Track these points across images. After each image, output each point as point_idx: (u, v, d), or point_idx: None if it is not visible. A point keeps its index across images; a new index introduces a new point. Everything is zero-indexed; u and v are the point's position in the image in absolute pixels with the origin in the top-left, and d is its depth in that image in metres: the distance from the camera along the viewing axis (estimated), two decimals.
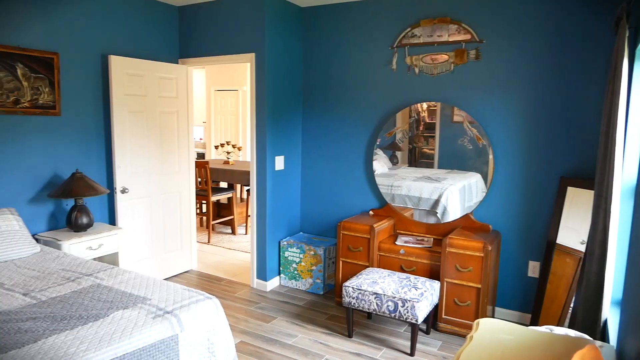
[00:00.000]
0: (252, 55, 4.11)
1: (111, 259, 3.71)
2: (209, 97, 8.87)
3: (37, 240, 3.46)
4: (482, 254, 3.27)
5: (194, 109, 4.71)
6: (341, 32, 4.26)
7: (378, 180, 4.16)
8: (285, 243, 4.37)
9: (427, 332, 3.48)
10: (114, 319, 2.10)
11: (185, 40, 4.57)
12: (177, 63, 4.60)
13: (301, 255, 4.27)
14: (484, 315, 3.34)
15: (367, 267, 3.81)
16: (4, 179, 3.37)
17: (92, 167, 3.94)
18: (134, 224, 4.14)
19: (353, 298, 3.30)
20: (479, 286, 3.31)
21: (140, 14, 4.21)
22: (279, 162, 4.33)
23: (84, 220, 3.53)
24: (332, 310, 3.90)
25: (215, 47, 4.37)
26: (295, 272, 4.34)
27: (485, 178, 3.71)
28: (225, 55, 4.32)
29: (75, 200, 3.55)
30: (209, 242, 5.84)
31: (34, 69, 3.46)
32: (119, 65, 3.91)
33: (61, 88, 3.65)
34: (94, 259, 3.43)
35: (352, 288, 3.31)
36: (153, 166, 4.28)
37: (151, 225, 4.32)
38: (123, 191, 4.01)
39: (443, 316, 3.47)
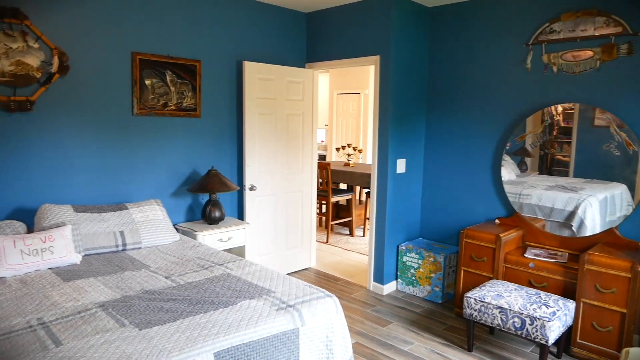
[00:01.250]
0: (377, 58, 4.12)
1: (238, 251, 3.96)
2: (332, 100, 9.09)
3: (176, 229, 3.82)
4: (629, 275, 2.90)
5: (318, 111, 4.85)
6: (470, 30, 4.08)
7: (505, 187, 3.90)
8: (403, 248, 4.30)
9: (557, 356, 3.17)
10: (241, 307, 2.24)
11: (312, 45, 4.74)
12: (304, 67, 4.78)
13: (420, 261, 4.17)
14: (630, 345, 2.95)
15: (491, 278, 3.59)
16: (153, 174, 3.79)
17: (225, 165, 4.25)
18: (259, 220, 4.39)
19: (475, 310, 3.13)
20: (624, 311, 2.93)
21: (272, 22, 4.45)
22: (401, 165, 4.27)
23: (217, 214, 3.82)
24: (450, 320, 3.74)
25: (340, 51, 4.46)
26: (413, 278, 4.25)
27: (633, 189, 3.28)
28: (349, 58, 4.39)
29: (210, 195, 3.86)
30: (327, 241, 5.97)
31: (180, 75, 3.83)
32: (251, 70, 4.17)
33: (201, 92, 4.00)
34: (224, 250, 3.69)
35: (475, 300, 3.14)
36: (279, 166, 4.50)
37: (275, 222, 4.53)
38: (251, 189, 4.27)
39: (578, 340, 3.14)
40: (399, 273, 4.37)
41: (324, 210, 6.98)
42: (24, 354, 1.78)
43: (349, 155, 6.92)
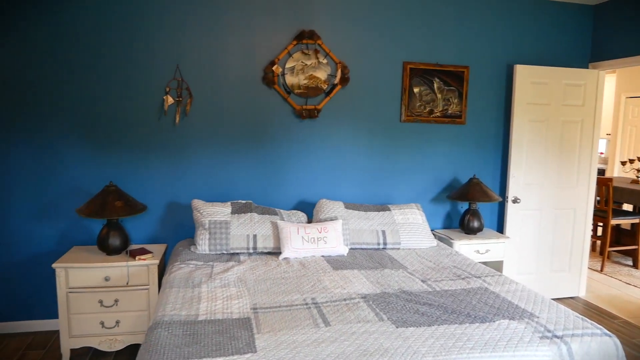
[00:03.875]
0: None
1: (495, 266, 3.75)
2: (617, 105, 7.76)
3: (433, 235, 3.85)
4: None
5: (601, 118, 4.19)
6: None
7: None
8: None
9: None
10: (499, 326, 2.09)
11: (598, 42, 4.12)
12: (587, 68, 4.20)
13: None
14: None
15: None
16: (414, 178, 3.91)
17: (487, 174, 4.08)
18: (520, 235, 4.06)
19: None
20: None
21: (548, 19, 4.05)
22: None
23: (475, 224, 3.70)
24: None
25: (637, 46, 3.75)
26: None
27: None
28: None
29: (470, 204, 3.75)
30: (601, 270, 5.12)
31: (447, 82, 3.84)
32: (523, 74, 3.89)
33: (468, 99, 3.92)
34: (480, 262, 3.53)
35: None
36: (548, 178, 4.07)
37: (539, 239, 4.12)
38: (514, 201, 3.98)
39: None
40: None
41: (599, 233, 6.01)
42: (300, 326, 2.05)
43: (638, 170, 5.78)
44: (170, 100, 3.34)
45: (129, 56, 3.30)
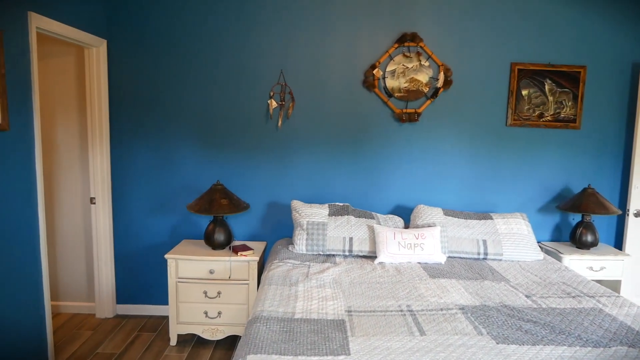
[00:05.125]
0: None
1: (611, 286, 3.41)
2: None
3: (539, 247, 3.59)
4: None
5: None
6: None
7: None
8: None
9: None
10: (616, 353, 1.90)
11: None
12: None
13: None
14: None
15: None
16: (520, 186, 3.68)
17: (604, 183, 3.72)
18: None
19: None
20: None
21: None
22: None
23: (589, 238, 3.39)
24: None
25: None
26: None
27: None
28: None
29: (583, 216, 3.45)
30: None
31: (560, 83, 3.57)
32: None
33: (584, 101, 3.61)
34: (593, 281, 3.24)
35: None
36: None
37: None
38: (637, 215, 3.59)
39: None
40: None
41: None
42: (395, 332, 2.03)
43: None
44: (274, 104, 3.48)
45: (238, 64, 3.50)
